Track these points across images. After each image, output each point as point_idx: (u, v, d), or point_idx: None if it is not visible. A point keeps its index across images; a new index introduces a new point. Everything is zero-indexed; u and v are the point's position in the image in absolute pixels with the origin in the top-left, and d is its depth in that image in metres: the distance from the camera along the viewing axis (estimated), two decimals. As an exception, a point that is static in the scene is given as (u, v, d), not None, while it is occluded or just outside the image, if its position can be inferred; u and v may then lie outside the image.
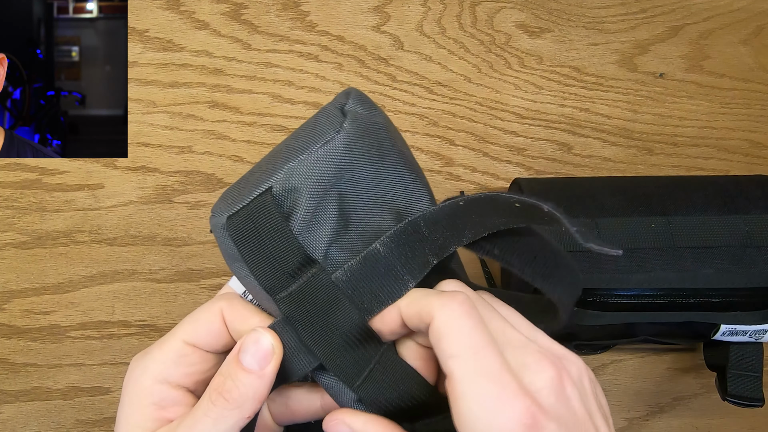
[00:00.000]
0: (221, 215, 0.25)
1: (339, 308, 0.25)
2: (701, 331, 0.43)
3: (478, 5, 0.54)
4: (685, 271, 0.40)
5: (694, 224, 0.41)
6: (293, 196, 0.24)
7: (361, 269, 0.25)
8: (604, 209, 0.41)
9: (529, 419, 0.21)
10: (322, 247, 0.25)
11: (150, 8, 0.51)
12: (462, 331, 0.22)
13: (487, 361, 0.22)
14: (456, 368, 0.22)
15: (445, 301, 0.23)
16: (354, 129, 0.25)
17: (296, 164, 0.24)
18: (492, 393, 0.21)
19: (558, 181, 0.46)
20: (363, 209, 0.26)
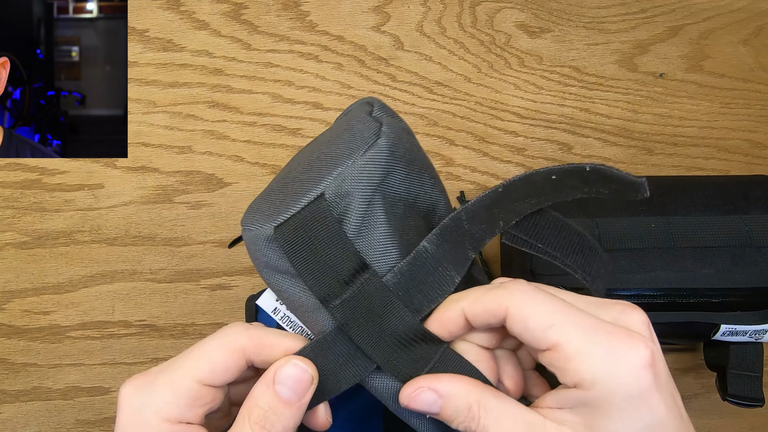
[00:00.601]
0: (264, 226, 0.24)
1: (393, 311, 0.25)
2: (701, 331, 0.43)
3: (478, 5, 0.54)
4: (685, 271, 0.40)
5: (694, 224, 0.41)
6: (345, 201, 0.24)
7: (410, 269, 0.25)
8: (604, 209, 0.41)
9: (648, 355, 0.21)
10: (372, 251, 0.25)
11: (150, 8, 0.51)
12: (544, 305, 0.23)
13: (583, 318, 0.22)
14: (558, 334, 0.22)
15: (511, 289, 0.23)
16: (392, 133, 0.25)
17: (345, 169, 0.24)
18: (606, 341, 0.22)
19: None
20: (401, 210, 0.26)
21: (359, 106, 0.27)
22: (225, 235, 0.51)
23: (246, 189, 0.51)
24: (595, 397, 0.21)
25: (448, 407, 0.24)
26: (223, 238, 0.51)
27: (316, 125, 0.52)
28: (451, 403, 0.24)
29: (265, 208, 0.25)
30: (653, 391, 0.21)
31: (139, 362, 0.49)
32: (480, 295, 0.24)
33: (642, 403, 0.21)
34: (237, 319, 0.51)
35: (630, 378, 0.21)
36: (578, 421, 0.22)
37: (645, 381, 0.21)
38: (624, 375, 0.21)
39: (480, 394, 0.24)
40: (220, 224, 0.51)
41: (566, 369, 0.22)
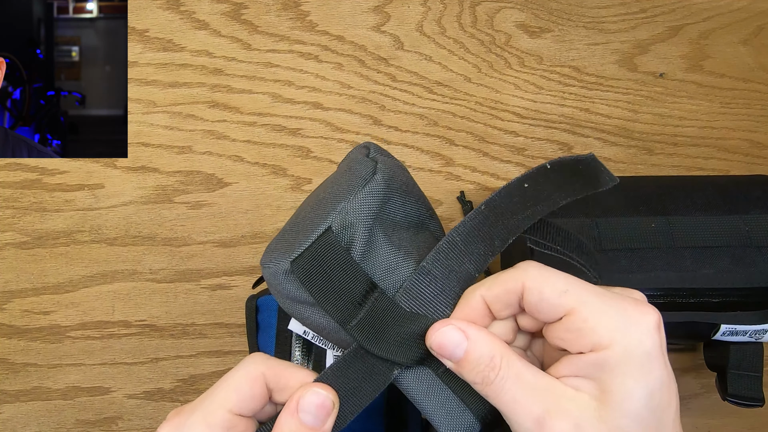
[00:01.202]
0: (281, 262, 0.27)
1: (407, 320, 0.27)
2: (701, 331, 0.43)
3: (478, 5, 0.54)
4: (685, 271, 0.40)
5: (694, 224, 0.41)
6: (350, 231, 0.27)
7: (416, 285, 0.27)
8: (605, 209, 0.41)
9: (657, 319, 0.23)
10: (379, 271, 0.27)
11: (150, 8, 0.51)
12: (556, 274, 0.24)
13: (594, 287, 0.24)
14: (573, 298, 0.23)
15: (524, 267, 0.25)
16: (387, 168, 0.28)
17: (346, 204, 0.27)
18: (619, 306, 0.23)
19: None
20: (403, 234, 0.29)
21: (357, 150, 0.30)
22: (225, 234, 0.51)
23: (246, 189, 0.51)
24: (612, 356, 0.22)
25: (472, 352, 0.24)
26: (223, 238, 0.51)
27: (316, 125, 0.52)
28: (477, 347, 0.24)
29: (280, 247, 0.28)
30: (662, 353, 0.23)
31: (139, 362, 0.49)
32: (495, 278, 0.25)
33: (655, 363, 0.22)
34: (237, 319, 0.51)
35: (643, 338, 0.22)
36: (595, 386, 0.23)
37: (656, 342, 0.23)
38: (639, 335, 0.22)
39: (505, 349, 0.25)
40: (220, 224, 0.51)
41: (583, 330, 0.23)
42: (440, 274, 0.27)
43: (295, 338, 0.42)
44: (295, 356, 0.41)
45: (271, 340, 0.42)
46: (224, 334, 0.51)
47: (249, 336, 0.44)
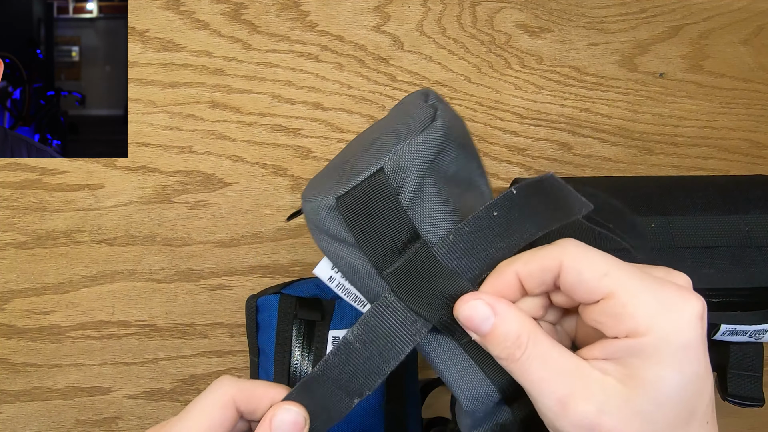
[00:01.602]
0: (325, 197, 0.26)
1: (444, 277, 0.26)
2: (701, 331, 0.43)
3: (478, 5, 0.54)
4: (685, 271, 0.40)
5: (694, 224, 0.41)
6: (402, 175, 0.26)
7: (455, 242, 0.26)
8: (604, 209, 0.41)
9: (701, 308, 0.22)
10: (424, 222, 0.26)
11: (150, 8, 0.51)
12: (597, 257, 0.23)
13: (636, 270, 0.23)
14: (613, 282, 0.22)
15: (563, 244, 0.24)
16: (446, 116, 0.27)
17: (403, 146, 0.26)
18: (660, 292, 0.22)
19: None
20: (453, 188, 0.28)
21: (415, 96, 0.29)
22: (225, 235, 0.51)
23: (246, 189, 0.51)
24: (648, 344, 0.22)
25: (499, 327, 0.24)
26: (223, 238, 0.51)
27: (316, 125, 0.52)
28: (504, 324, 0.24)
29: (325, 183, 0.27)
30: (702, 343, 0.22)
31: (139, 362, 0.49)
32: (532, 254, 0.24)
33: (692, 353, 0.22)
34: (237, 319, 0.51)
35: (684, 327, 0.22)
36: (624, 372, 0.22)
37: (697, 332, 0.22)
38: (679, 324, 0.22)
39: (533, 328, 0.24)
40: (220, 224, 0.51)
41: (621, 315, 0.22)
42: (478, 236, 0.26)
43: (294, 338, 0.42)
44: (294, 356, 0.41)
45: (271, 340, 0.42)
46: (224, 334, 0.51)
47: (249, 336, 0.44)
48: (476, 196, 0.29)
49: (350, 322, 0.41)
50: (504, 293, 0.25)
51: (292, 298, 0.42)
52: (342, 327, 0.41)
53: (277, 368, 0.41)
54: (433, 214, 0.26)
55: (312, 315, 0.41)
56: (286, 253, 0.51)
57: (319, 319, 0.41)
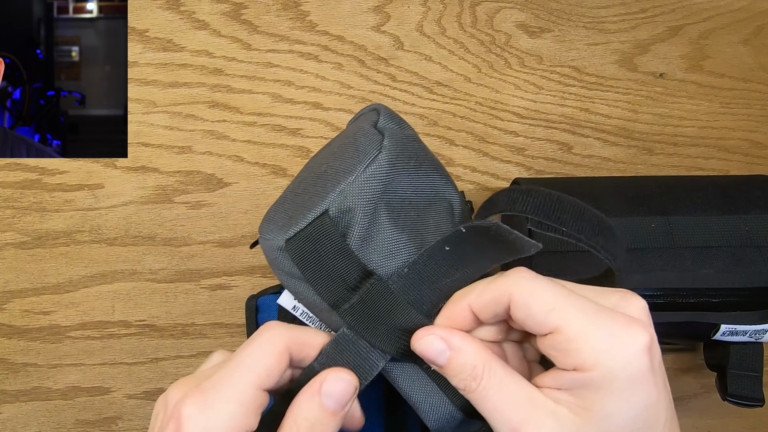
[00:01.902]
0: (276, 238, 0.26)
1: (400, 311, 0.26)
2: (701, 331, 0.43)
3: (478, 5, 0.54)
4: (685, 271, 0.40)
5: (694, 224, 0.41)
6: (348, 216, 0.26)
7: (410, 274, 0.26)
8: (604, 209, 0.41)
9: (648, 340, 0.22)
10: (379, 257, 0.26)
11: (150, 8, 0.51)
12: (546, 290, 0.23)
13: (584, 303, 0.23)
14: (560, 317, 0.23)
15: (514, 276, 0.24)
16: (393, 145, 0.26)
17: (346, 186, 0.26)
18: (607, 325, 0.22)
19: (558, 181, 0.46)
20: (413, 213, 0.27)
21: (367, 114, 0.29)
22: (225, 235, 0.51)
23: (246, 189, 0.51)
24: (595, 379, 0.22)
25: (454, 360, 0.24)
26: (223, 238, 0.51)
27: (316, 125, 0.52)
28: (459, 357, 0.24)
29: (278, 219, 0.27)
30: (650, 374, 0.22)
31: (140, 362, 0.49)
32: (485, 286, 0.25)
33: (640, 385, 0.22)
34: (237, 319, 0.51)
35: (630, 361, 0.22)
36: (575, 402, 0.23)
37: (644, 364, 0.22)
38: (625, 358, 0.22)
39: (488, 358, 0.24)
40: (220, 224, 0.51)
41: (568, 351, 0.22)
42: (432, 270, 0.26)
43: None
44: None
45: None
46: (224, 334, 0.51)
47: (249, 336, 0.44)
48: (441, 208, 0.29)
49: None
50: (459, 324, 0.25)
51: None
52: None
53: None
54: (388, 246, 0.26)
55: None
56: (286, 253, 0.51)
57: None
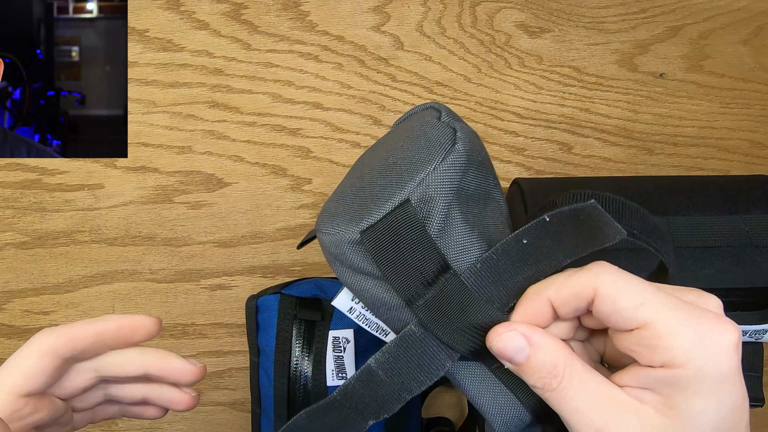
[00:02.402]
0: (347, 230, 0.26)
1: (475, 307, 0.25)
2: (701, 331, 0.43)
3: (478, 5, 0.54)
4: (685, 271, 0.40)
5: (694, 224, 0.41)
6: (429, 205, 0.25)
7: (482, 270, 0.25)
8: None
9: (737, 338, 0.22)
10: (452, 250, 0.26)
11: (150, 8, 0.51)
12: (632, 285, 0.23)
13: (671, 299, 0.22)
14: (649, 312, 0.22)
15: (597, 271, 0.23)
16: (466, 137, 0.26)
17: (428, 175, 0.25)
18: (697, 322, 0.22)
19: (558, 181, 0.46)
20: (477, 209, 0.27)
21: (426, 113, 0.28)
22: (225, 235, 0.51)
23: (246, 189, 0.51)
24: (684, 376, 0.21)
25: (534, 358, 0.24)
26: (223, 238, 0.51)
27: (316, 125, 0.52)
28: (539, 355, 0.24)
29: (344, 213, 0.26)
30: (738, 373, 0.22)
31: (139, 362, 0.49)
32: (564, 280, 0.24)
33: (730, 385, 0.22)
34: (237, 319, 0.51)
35: (721, 359, 0.21)
36: (661, 401, 0.22)
37: (734, 363, 0.21)
38: (716, 356, 0.21)
39: (569, 356, 0.24)
40: (220, 224, 0.51)
41: (657, 347, 0.22)
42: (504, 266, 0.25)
43: (294, 338, 0.42)
44: (294, 356, 0.41)
45: (271, 339, 0.42)
46: (224, 334, 0.51)
47: (249, 336, 0.44)
48: (494, 209, 0.28)
49: (350, 322, 0.41)
50: (536, 320, 0.24)
51: (292, 298, 0.42)
52: (342, 327, 0.41)
53: (277, 368, 0.41)
54: (460, 241, 0.26)
55: (312, 315, 0.41)
56: (286, 253, 0.51)
57: (319, 319, 0.41)
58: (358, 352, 0.41)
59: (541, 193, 0.43)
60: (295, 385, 0.41)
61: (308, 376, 0.41)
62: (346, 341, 0.41)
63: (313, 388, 0.40)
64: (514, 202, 0.45)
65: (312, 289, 0.43)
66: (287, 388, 0.41)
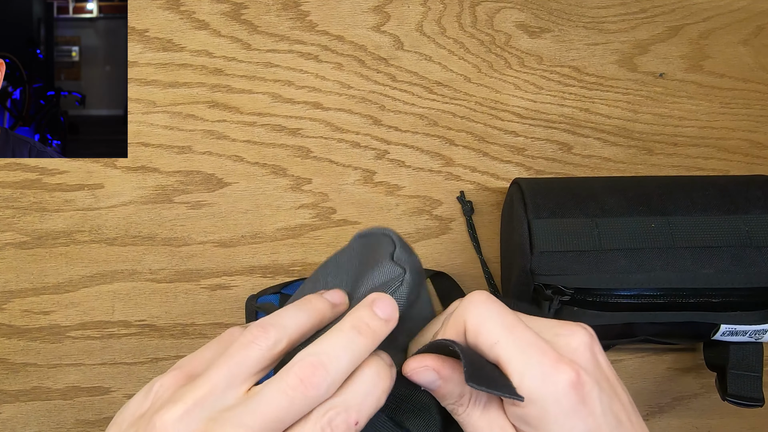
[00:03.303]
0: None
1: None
2: (701, 331, 0.43)
3: (478, 5, 0.54)
4: (685, 271, 0.40)
5: (694, 224, 0.41)
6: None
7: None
8: (605, 209, 0.41)
9: (574, 378, 0.24)
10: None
11: (150, 8, 0.51)
12: (494, 318, 0.26)
13: (523, 336, 0.25)
14: (501, 351, 0.25)
15: (467, 304, 0.27)
16: (411, 279, 0.30)
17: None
18: (537, 362, 0.24)
19: (558, 181, 0.46)
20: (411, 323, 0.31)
21: (383, 240, 0.32)
22: (225, 235, 0.51)
23: (246, 189, 0.51)
24: (533, 414, 0.24)
25: (444, 388, 0.27)
26: (222, 238, 0.51)
27: (316, 125, 0.52)
28: (448, 386, 0.27)
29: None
30: (582, 407, 0.24)
31: (139, 362, 0.49)
32: (448, 318, 0.27)
33: (573, 417, 0.24)
34: (237, 319, 0.51)
35: (559, 397, 0.24)
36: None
37: (572, 399, 0.24)
38: (554, 395, 0.24)
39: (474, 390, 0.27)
40: (220, 224, 0.51)
41: (513, 382, 0.25)
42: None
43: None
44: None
45: None
46: (224, 334, 0.51)
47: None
48: (417, 312, 0.32)
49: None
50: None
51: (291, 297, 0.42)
52: None
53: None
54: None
55: None
56: (285, 253, 0.51)
57: (319, 319, 0.41)
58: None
59: (541, 193, 0.43)
60: (296, 384, 0.41)
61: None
62: (347, 341, 0.41)
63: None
64: (514, 202, 0.45)
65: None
66: (288, 387, 0.41)
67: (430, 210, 0.52)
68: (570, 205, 0.42)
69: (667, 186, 0.43)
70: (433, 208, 0.52)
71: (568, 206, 0.42)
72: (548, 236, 0.41)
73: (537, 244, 0.41)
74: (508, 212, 0.47)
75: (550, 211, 0.42)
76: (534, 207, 0.42)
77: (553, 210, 0.42)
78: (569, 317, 0.41)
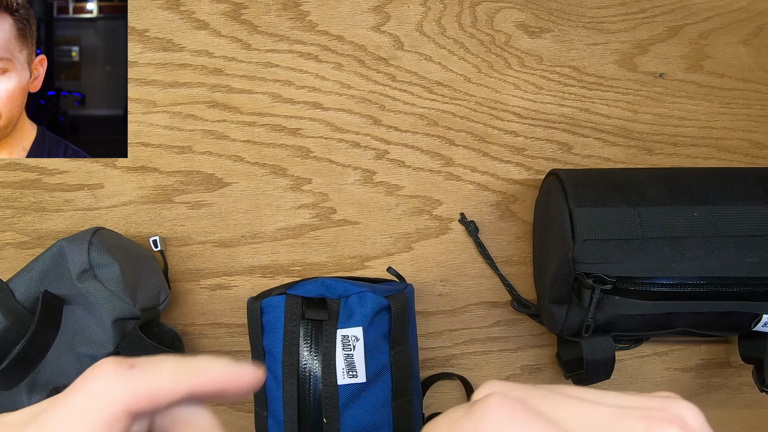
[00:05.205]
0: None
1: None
2: (740, 322, 0.38)
3: (478, 5, 0.53)
4: (729, 260, 0.36)
5: (736, 213, 0.37)
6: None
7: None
8: (646, 198, 0.38)
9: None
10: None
11: (150, 8, 0.51)
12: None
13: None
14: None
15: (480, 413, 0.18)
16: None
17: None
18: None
19: (596, 171, 0.44)
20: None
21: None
22: (225, 235, 0.50)
23: (246, 189, 0.51)
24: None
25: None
26: (222, 238, 0.50)
27: (316, 125, 0.52)
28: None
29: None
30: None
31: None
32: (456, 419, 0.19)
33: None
34: (237, 319, 0.50)
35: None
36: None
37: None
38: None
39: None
40: (220, 224, 0.51)
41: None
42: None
43: (302, 338, 0.41)
44: (303, 356, 0.41)
45: (278, 341, 0.40)
46: (224, 334, 0.50)
47: (252, 338, 0.42)
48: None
49: (358, 320, 0.41)
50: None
51: (298, 298, 0.41)
52: (350, 325, 0.39)
53: (286, 369, 0.38)
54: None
55: (319, 315, 0.40)
56: (285, 253, 0.51)
57: (326, 318, 0.40)
58: (367, 349, 0.39)
59: (581, 182, 0.42)
60: (305, 385, 0.38)
61: (318, 376, 0.40)
62: (356, 339, 0.40)
63: (323, 387, 0.38)
64: (552, 192, 0.42)
65: (318, 288, 0.42)
66: (297, 389, 0.38)
67: (430, 210, 0.52)
68: (612, 194, 0.39)
69: (707, 176, 0.39)
70: (433, 208, 0.52)
71: (609, 195, 0.39)
72: (591, 224, 0.38)
73: (579, 232, 0.38)
74: (545, 203, 0.43)
75: (592, 200, 0.39)
76: (575, 196, 0.41)
77: (594, 199, 0.39)
78: (610, 306, 0.37)
